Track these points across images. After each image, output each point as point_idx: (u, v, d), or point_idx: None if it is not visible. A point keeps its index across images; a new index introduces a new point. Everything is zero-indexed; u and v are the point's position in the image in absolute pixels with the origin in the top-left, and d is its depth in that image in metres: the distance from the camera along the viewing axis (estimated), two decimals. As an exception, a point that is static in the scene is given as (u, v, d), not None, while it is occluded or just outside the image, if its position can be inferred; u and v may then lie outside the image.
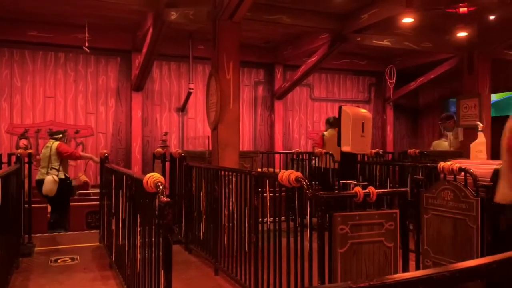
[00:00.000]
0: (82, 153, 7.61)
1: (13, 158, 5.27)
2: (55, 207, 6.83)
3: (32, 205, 5.74)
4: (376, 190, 2.83)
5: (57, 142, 6.84)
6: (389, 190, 4.37)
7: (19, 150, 5.60)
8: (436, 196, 3.75)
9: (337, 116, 9.22)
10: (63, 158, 6.81)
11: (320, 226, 2.73)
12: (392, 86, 10.39)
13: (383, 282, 0.98)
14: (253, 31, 8.62)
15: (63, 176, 6.74)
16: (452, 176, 3.65)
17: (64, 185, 6.75)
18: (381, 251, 2.87)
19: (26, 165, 5.60)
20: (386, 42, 8.46)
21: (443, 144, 8.01)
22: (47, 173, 6.65)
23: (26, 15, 8.07)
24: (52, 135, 7.06)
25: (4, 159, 5.57)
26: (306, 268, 2.92)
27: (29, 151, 5.82)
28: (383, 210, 2.94)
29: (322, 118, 11.51)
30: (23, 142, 8.65)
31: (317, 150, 7.18)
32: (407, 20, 7.21)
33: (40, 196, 6.65)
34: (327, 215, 2.75)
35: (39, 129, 8.84)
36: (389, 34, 8.37)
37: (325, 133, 7.61)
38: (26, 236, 5.52)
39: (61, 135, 7.06)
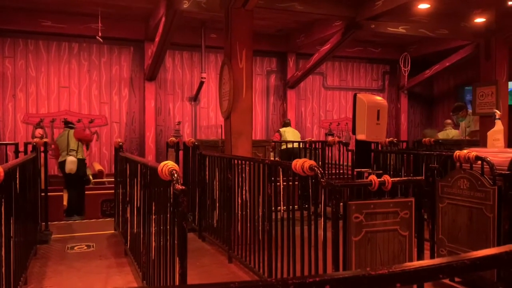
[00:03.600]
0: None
1: (30, 147, 5.34)
2: (73, 187, 7.41)
3: (49, 193, 5.83)
4: (392, 179, 2.81)
5: (72, 130, 7.53)
6: (404, 178, 4.34)
7: (35, 139, 5.67)
8: (452, 185, 3.71)
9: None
10: (80, 141, 7.57)
11: (334, 215, 2.72)
12: (406, 74, 10.25)
13: (402, 269, 0.96)
14: (265, 19, 8.55)
15: (80, 157, 7.48)
16: (468, 165, 3.60)
17: (81, 164, 7.46)
18: (396, 240, 2.85)
19: (42, 154, 5.67)
20: (401, 29, 8.32)
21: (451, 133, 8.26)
22: (67, 155, 7.34)
23: (40, 5, 8.12)
24: (67, 124, 7.74)
25: (21, 148, 5.64)
26: (320, 256, 2.92)
27: (45, 140, 5.90)
28: (398, 199, 2.92)
29: (335, 106, 11.44)
30: (39, 131, 8.76)
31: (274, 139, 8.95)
32: (423, 6, 7.07)
33: (64, 175, 7.47)
34: (342, 203, 2.74)
35: (54, 119, 8.95)
36: (404, 21, 8.22)
37: (280, 129, 9.17)
38: (43, 223, 5.61)
39: (74, 125, 7.87)
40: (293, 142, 8.37)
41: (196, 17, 8.30)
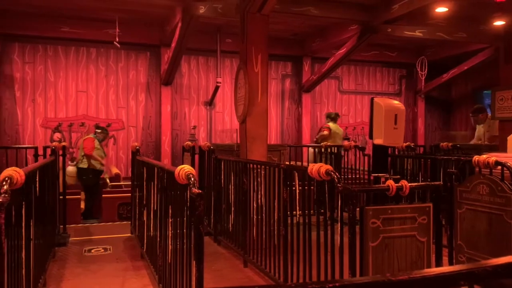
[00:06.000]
0: (94, 155, 7.57)
1: (48, 151, 5.43)
2: (85, 193, 7.46)
3: (67, 197, 5.91)
4: (409, 184, 2.77)
5: (86, 137, 7.65)
6: (422, 183, 4.28)
7: (54, 143, 5.76)
8: (471, 190, 3.65)
9: (338, 111, 9.39)
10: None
11: (351, 220, 2.69)
12: (423, 78, 10.13)
13: (423, 275, 0.95)
14: (280, 23, 8.56)
15: (83, 166, 7.44)
16: (488, 170, 3.54)
17: (84, 174, 7.43)
18: (414, 246, 2.81)
19: (61, 158, 5.76)
20: (417, 33, 8.24)
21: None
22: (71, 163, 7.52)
23: (59, 11, 8.28)
24: (96, 128, 7.91)
25: (40, 152, 5.75)
26: (336, 261, 2.89)
27: (63, 144, 5.99)
28: (416, 204, 2.88)
29: (351, 111, 11.37)
30: (57, 135, 8.91)
31: (325, 132, 8.10)
32: (441, 9, 7.00)
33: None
34: (358, 208, 2.72)
35: (72, 123, 9.08)
36: (421, 25, 8.15)
37: (330, 125, 8.28)
38: (61, 226, 5.69)
39: (100, 131, 7.83)
40: (335, 146, 7.28)
41: (211, 22, 8.36)
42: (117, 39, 8.04)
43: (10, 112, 8.81)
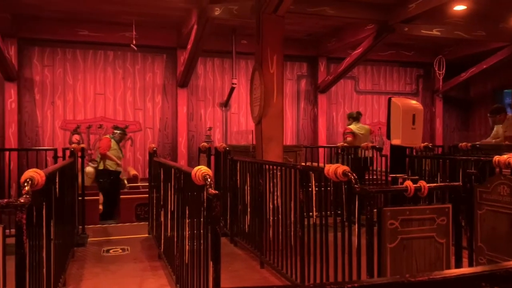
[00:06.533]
0: (108, 154, 7.67)
1: (67, 153, 5.52)
2: (102, 196, 7.52)
3: (85, 198, 6.00)
4: (428, 184, 2.74)
5: (104, 136, 7.77)
6: (441, 184, 4.23)
7: (73, 145, 5.86)
8: (491, 191, 3.58)
9: (360, 110, 9.20)
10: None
11: (368, 221, 2.67)
12: (441, 77, 10.00)
13: (443, 276, 0.94)
14: (295, 24, 8.55)
15: (99, 168, 7.55)
16: (509, 170, 3.47)
17: (102, 176, 7.51)
18: (432, 247, 2.77)
19: (79, 159, 5.85)
20: (435, 32, 8.13)
21: None
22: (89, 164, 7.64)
23: (77, 16, 8.42)
24: (114, 129, 8.02)
25: (59, 154, 5.84)
26: (354, 263, 2.87)
27: (82, 145, 6.08)
28: (435, 205, 2.85)
29: (367, 111, 11.28)
30: (76, 137, 9.04)
31: (348, 139, 7.61)
32: (459, 7, 6.90)
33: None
34: (376, 209, 2.70)
35: (90, 125, 9.22)
36: (438, 23, 8.04)
37: (353, 127, 7.74)
38: (80, 227, 5.77)
39: (118, 132, 7.91)
40: (352, 147, 7.05)
41: (227, 23, 8.39)
42: (134, 42, 8.14)
43: (30, 114, 8.98)
